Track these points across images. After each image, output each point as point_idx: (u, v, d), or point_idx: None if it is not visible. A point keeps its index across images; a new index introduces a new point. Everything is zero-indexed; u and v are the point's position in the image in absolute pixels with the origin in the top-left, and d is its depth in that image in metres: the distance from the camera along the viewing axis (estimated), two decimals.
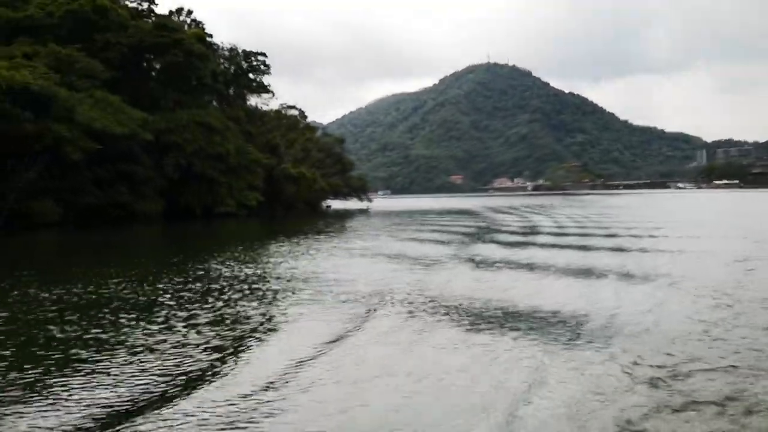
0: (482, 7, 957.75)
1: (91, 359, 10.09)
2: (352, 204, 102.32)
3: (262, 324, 12.39)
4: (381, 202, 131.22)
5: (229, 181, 65.02)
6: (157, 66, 69.08)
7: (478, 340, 10.69)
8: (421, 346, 10.43)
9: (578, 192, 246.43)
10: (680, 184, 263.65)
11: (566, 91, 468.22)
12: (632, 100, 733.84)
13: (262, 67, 78.34)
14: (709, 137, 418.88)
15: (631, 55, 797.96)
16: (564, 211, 68.71)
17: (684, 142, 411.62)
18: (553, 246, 27.86)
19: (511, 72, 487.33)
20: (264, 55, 78.21)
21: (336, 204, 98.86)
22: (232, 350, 10.46)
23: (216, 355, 10.13)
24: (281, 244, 32.04)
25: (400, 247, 28.47)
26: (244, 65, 78.64)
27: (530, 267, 20.34)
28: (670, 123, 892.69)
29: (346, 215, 73.85)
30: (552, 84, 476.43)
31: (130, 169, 59.28)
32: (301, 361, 9.60)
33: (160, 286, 17.59)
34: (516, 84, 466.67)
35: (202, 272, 20.50)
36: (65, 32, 61.28)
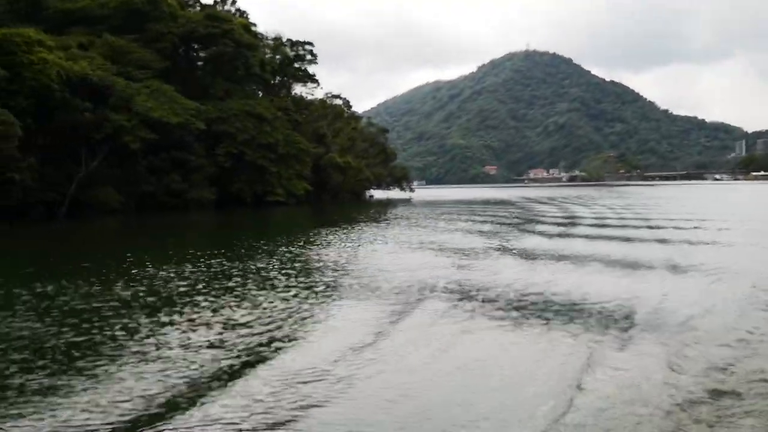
0: None
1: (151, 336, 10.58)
2: (394, 193, 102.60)
3: (312, 314, 12.38)
4: (419, 192, 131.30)
5: (279, 170, 65.70)
6: (205, 55, 69.79)
7: (528, 332, 10.63)
8: (470, 337, 10.40)
9: (614, 183, 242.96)
10: (717, 176, 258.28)
11: (607, 80, 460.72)
12: (673, 89, 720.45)
13: (308, 56, 78.91)
14: (750, 127, 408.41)
15: (672, 43, 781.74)
16: (603, 202, 68.06)
17: (724, 132, 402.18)
18: (596, 237, 27.56)
19: (551, 60, 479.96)
20: (311, 44, 78.85)
21: (378, 193, 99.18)
22: (283, 338, 10.46)
23: (268, 342, 10.18)
24: (330, 233, 32.11)
25: (445, 237, 28.48)
26: (291, 54, 79.15)
27: (575, 258, 20.12)
28: (711, 113, 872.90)
29: (390, 204, 74.18)
30: (593, 72, 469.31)
31: (183, 158, 60.26)
32: (354, 350, 9.59)
33: (212, 271, 18.06)
34: (555, 72, 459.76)
35: (251, 260, 20.66)
36: (118, 22, 62.40)
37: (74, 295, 14.43)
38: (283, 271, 17.86)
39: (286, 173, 66.38)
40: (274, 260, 20.60)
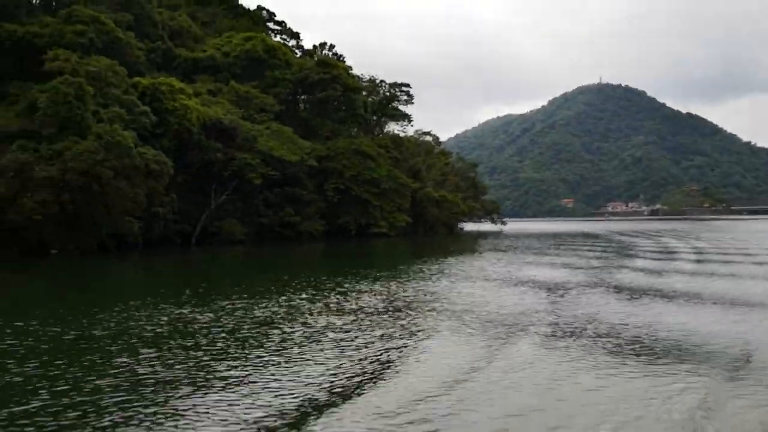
0: (593, 27, 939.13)
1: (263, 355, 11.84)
2: (486, 226, 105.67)
3: (406, 345, 12.76)
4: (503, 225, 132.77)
5: (382, 204, 69.95)
6: (314, 98, 75.13)
7: (630, 371, 10.36)
8: (570, 376, 10.21)
9: (700, 217, 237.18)
10: None
11: (683, 112, 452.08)
12: (755, 120, 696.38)
13: (404, 96, 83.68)
14: None
15: (751, 72, 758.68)
16: (699, 235, 68.65)
17: None
18: (699, 273, 27.03)
19: (624, 92, 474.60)
20: (407, 85, 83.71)
21: (469, 226, 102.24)
22: (376, 371, 10.80)
23: (366, 369, 10.76)
24: (428, 265, 33.15)
25: (539, 271, 28.66)
26: (387, 95, 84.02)
27: (677, 294, 19.67)
28: None
29: (482, 237, 77.33)
30: (668, 104, 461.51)
31: (295, 193, 65.20)
32: (447, 384, 9.71)
33: (319, 298, 19.71)
34: (629, 105, 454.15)
35: (355, 289, 21.98)
36: (239, 70, 68.59)
37: (222, 314, 16.96)
38: (385, 301, 18.75)
39: (388, 207, 70.55)
40: (378, 288, 22.10)
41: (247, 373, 10.67)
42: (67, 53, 48.72)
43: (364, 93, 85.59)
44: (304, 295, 20.62)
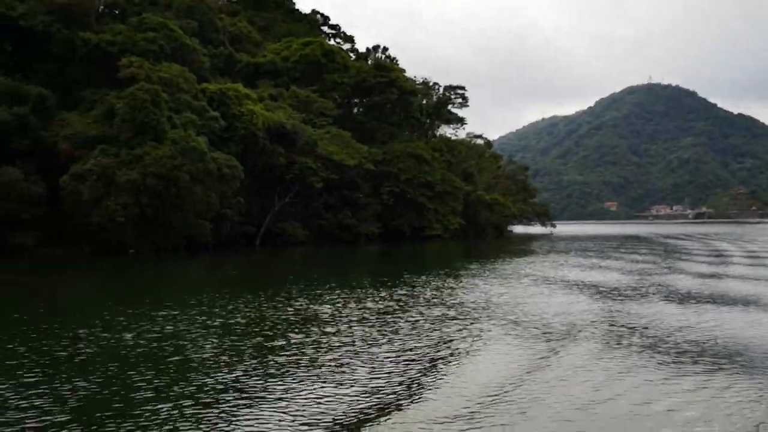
0: (641, 26, 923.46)
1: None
2: (535, 229, 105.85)
3: (460, 350, 12.78)
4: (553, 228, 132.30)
5: (436, 207, 70.84)
6: (371, 102, 76.33)
7: (687, 380, 10.09)
8: (626, 383, 10.01)
9: (748, 220, 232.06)
10: None
11: (735, 113, 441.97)
12: None
13: (459, 99, 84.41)
14: None
15: None
16: (754, 238, 67.76)
17: None
18: (755, 278, 26.49)
19: (674, 93, 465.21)
20: (462, 88, 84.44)
21: (519, 229, 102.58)
22: (436, 371, 11.06)
23: (417, 374, 10.85)
24: (482, 266, 33.72)
25: (592, 274, 28.72)
26: (442, 98, 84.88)
27: (736, 299, 19.34)
28: None
29: (533, 240, 77.78)
30: (719, 105, 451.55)
31: (352, 196, 66.49)
32: (500, 391, 9.66)
33: (369, 301, 20.04)
34: (679, 105, 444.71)
35: (407, 291, 22.46)
36: (298, 74, 70.14)
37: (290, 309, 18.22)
38: (441, 304, 19.06)
39: (442, 209, 71.42)
40: (431, 290, 22.60)
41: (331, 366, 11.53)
42: (139, 60, 50.77)
43: (418, 96, 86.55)
44: (372, 296, 21.49)
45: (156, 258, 44.40)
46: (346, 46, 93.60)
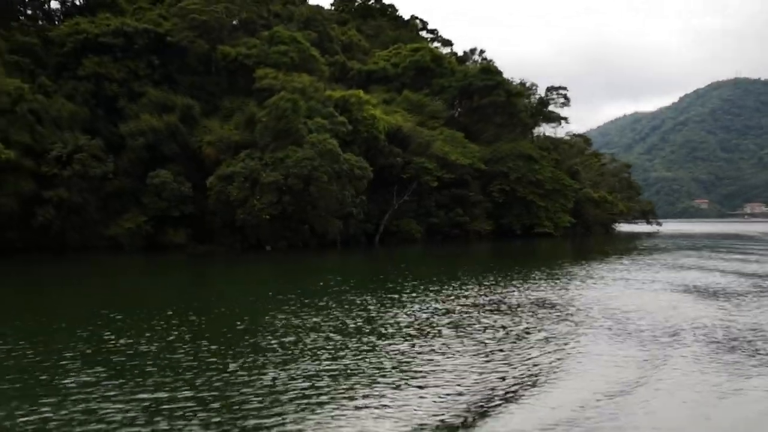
0: (727, 18, 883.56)
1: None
2: (640, 227, 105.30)
3: (564, 352, 12.91)
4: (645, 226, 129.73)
5: (546, 205, 72.35)
6: (472, 104, 78.56)
7: None
8: (738, 394, 9.69)
9: None
10: None
11: None
12: None
13: (561, 99, 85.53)
14: None
15: None
16: None
17: None
18: None
19: (764, 87, 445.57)
20: (564, 88, 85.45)
21: (623, 226, 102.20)
22: (540, 373, 11.16)
23: (525, 375, 11.02)
24: (589, 266, 33.83)
25: (703, 275, 28.20)
26: (545, 98, 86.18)
27: None
28: None
29: (639, 238, 77.97)
30: None
31: (463, 195, 68.79)
32: (605, 397, 9.61)
33: (475, 299, 20.78)
34: None
35: (517, 291, 22.89)
36: (408, 79, 73.24)
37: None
38: (542, 304, 19.34)
39: (552, 207, 72.85)
40: (533, 290, 23.11)
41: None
42: (273, 71, 54.97)
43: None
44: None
45: (294, 254, 48.17)
46: (445, 50, 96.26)
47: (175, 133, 52.06)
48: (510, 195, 71.03)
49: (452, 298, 21.14)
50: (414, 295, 21.91)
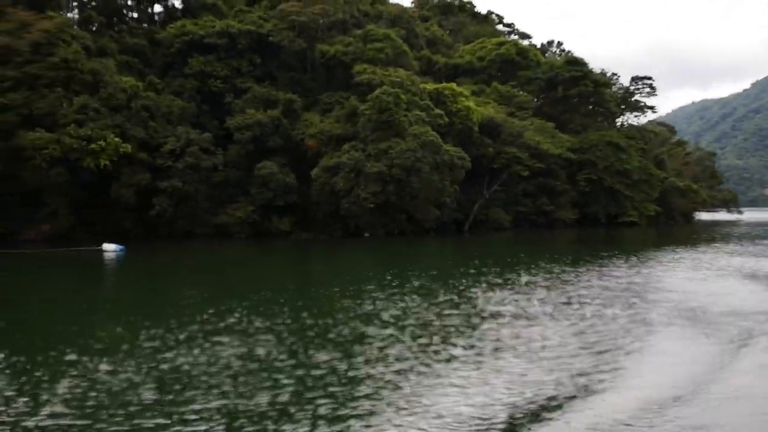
0: None
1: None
2: (720, 215, 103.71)
3: (637, 344, 13.02)
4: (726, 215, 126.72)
5: (632, 194, 72.46)
6: (557, 94, 79.10)
7: None
8: None
9: None
10: None
11: None
12: None
13: (647, 89, 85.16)
14: None
15: None
16: None
17: None
18: None
19: None
20: (650, 78, 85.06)
21: (705, 215, 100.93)
22: (612, 365, 11.35)
23: (600, 368, 11.18)
24: (676, 255, 34.17)
25: None
26: (631, 88, 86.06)
27: None
28: None
29: (722, 226, 77.28)
30: None
31: (549, 184, 69.57)
32: (680, 393, 9.64)
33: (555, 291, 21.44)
34: None
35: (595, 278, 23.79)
36: (494, 72, 74.48)
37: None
38: (621, 292, 19.92)
39: (638, 196, 72.92)
40: (615, 279, 23.70)
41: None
42: (371, 67, 57.13)
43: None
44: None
45: (398, 240, 50.31)
46: (524, 43, 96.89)
47: (278, 126, 54.69)
48: (596, 184, 71.39)
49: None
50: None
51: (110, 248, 37.73)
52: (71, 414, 9.14)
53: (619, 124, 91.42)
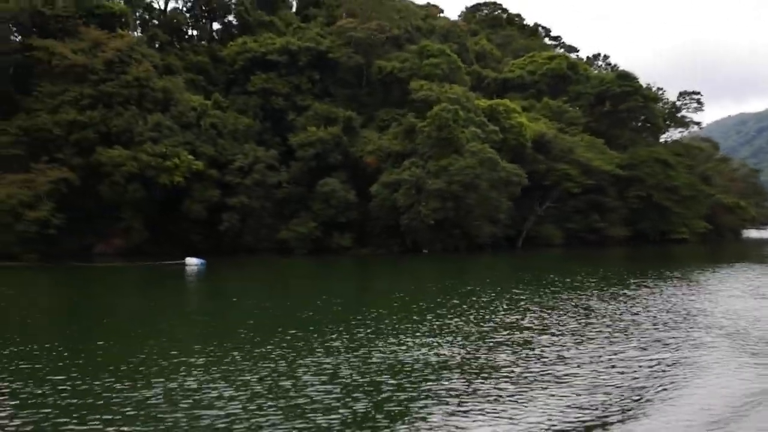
0: None
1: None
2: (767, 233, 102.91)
3: (685, 363, 13.64)
4: None
5: (681, 211, 72.48)
6: (606, 109, 79.38)
7: None
8: None
9: None
10: None
11: None
12: None
13: (694, 104, 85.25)
14: None
15: None
16: None
17: None
18: None
19: None
20: (698, 93, 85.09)
21: (752, 232, 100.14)
22: (660, 385, 11.81)
23: (647, 387, 11.84)
24: (726, 274, 35.05)
25: None
26: (678, 103, 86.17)
27: None
28: None
29: None
30: None
31: (599, 200, 69.88)
32: (727, 414, 9.97)
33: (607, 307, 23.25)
34: None
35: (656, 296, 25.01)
36: (544, 86, 75.18)
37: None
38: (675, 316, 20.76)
39: (687, 213, 72.91)
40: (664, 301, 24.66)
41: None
42: (428, 83, 58.33)
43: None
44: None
45: (457, 256, 51.36)
46: (572, 56, 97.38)
47: (339, 143, 56.02)
48: (646, 201, 71.58)
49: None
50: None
51: (193, 262, 39.54)
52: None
53: (662, 139, 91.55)
